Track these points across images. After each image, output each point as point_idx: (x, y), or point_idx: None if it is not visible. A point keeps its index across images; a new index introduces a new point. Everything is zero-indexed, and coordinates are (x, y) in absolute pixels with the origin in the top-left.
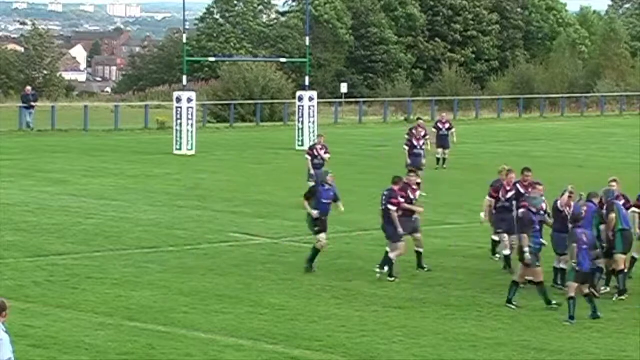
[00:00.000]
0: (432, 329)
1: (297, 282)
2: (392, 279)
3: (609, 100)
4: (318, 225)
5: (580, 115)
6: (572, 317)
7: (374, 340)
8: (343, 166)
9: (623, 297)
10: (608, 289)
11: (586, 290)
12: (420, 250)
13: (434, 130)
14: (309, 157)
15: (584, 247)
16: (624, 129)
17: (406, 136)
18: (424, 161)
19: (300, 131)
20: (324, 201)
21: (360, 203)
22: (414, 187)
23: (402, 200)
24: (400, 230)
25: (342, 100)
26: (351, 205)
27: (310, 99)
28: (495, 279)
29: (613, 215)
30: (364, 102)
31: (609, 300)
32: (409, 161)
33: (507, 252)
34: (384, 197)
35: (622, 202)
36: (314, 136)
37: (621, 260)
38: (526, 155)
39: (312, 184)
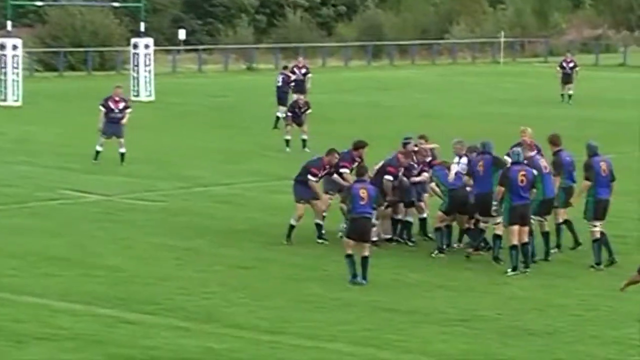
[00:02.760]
0: (278, 290)
1: (133, 242)
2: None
3: (461, 47)
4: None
5: (431, 63)
6: (354, 277)
7: (216, 302)
8: (181, 119)
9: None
10: (461, 245)
11: (366, 252)
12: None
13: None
14: (103, 110)
15: (361, 202)
16: (477, 77)
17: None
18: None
19: (136, 81)
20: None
21: (200, 158)
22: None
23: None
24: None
25: (180, 47)
26: (191, 160)
27: (146, 46)
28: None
29: None
30: (204, 49)
31: (462, 257)
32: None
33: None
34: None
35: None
36: (150, 86)
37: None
38: (377, 105)
39: (102, 139)
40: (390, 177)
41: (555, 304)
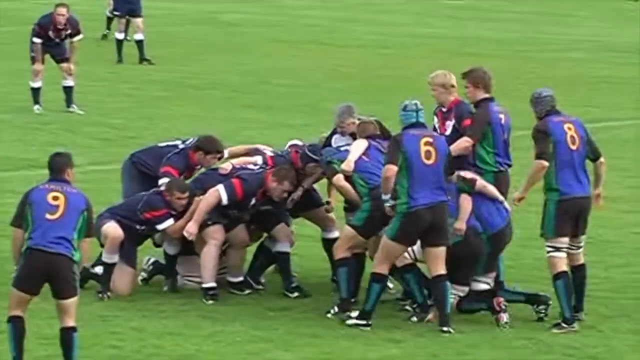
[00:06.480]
0: None
1: None
2: None
3: None
4: None
5: None
6: None
7: None
8: None
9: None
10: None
11: (68, 321)
12: None
13: None
14: None
15: (49, 217)
16: None
17: None
18: None
19: None
20: None
21: None
22: None
23: None
24: None
25: None
26: None
27: None
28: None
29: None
30: None
31: (384, 318)
32: None
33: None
34: None
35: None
36: None
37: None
38: (211, 21)
39: None
40: (224, 197)
41: None
